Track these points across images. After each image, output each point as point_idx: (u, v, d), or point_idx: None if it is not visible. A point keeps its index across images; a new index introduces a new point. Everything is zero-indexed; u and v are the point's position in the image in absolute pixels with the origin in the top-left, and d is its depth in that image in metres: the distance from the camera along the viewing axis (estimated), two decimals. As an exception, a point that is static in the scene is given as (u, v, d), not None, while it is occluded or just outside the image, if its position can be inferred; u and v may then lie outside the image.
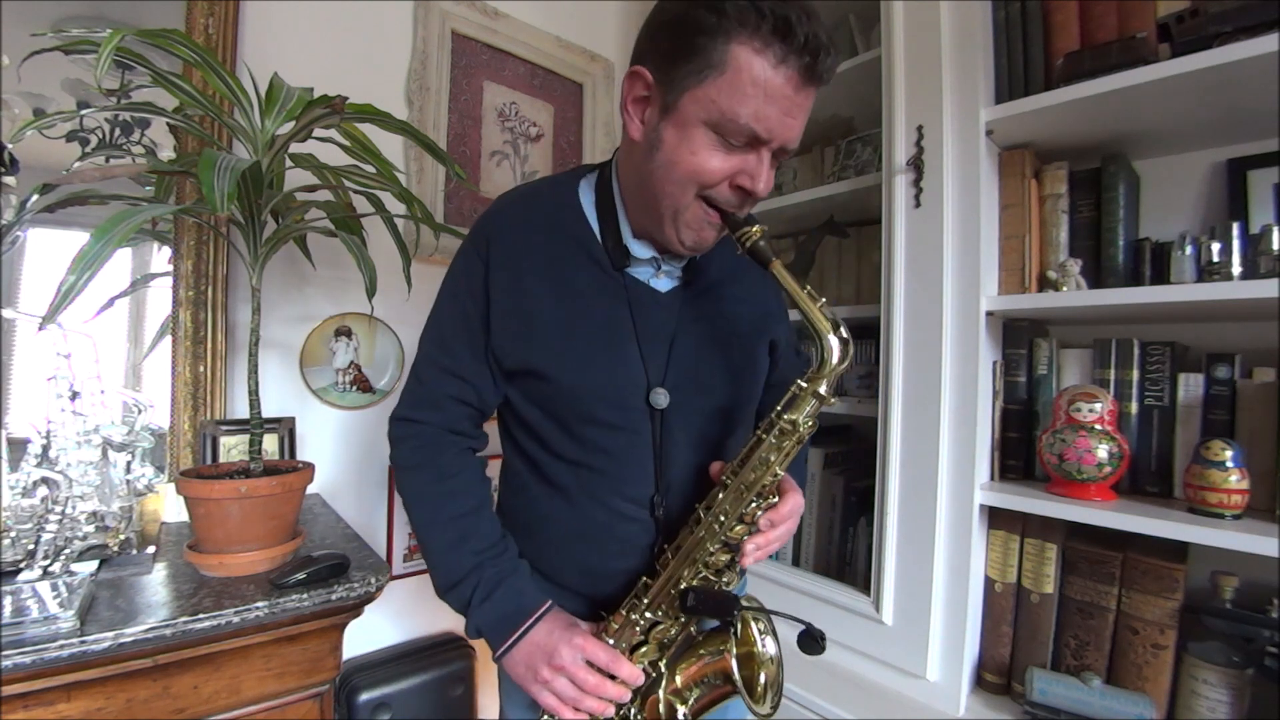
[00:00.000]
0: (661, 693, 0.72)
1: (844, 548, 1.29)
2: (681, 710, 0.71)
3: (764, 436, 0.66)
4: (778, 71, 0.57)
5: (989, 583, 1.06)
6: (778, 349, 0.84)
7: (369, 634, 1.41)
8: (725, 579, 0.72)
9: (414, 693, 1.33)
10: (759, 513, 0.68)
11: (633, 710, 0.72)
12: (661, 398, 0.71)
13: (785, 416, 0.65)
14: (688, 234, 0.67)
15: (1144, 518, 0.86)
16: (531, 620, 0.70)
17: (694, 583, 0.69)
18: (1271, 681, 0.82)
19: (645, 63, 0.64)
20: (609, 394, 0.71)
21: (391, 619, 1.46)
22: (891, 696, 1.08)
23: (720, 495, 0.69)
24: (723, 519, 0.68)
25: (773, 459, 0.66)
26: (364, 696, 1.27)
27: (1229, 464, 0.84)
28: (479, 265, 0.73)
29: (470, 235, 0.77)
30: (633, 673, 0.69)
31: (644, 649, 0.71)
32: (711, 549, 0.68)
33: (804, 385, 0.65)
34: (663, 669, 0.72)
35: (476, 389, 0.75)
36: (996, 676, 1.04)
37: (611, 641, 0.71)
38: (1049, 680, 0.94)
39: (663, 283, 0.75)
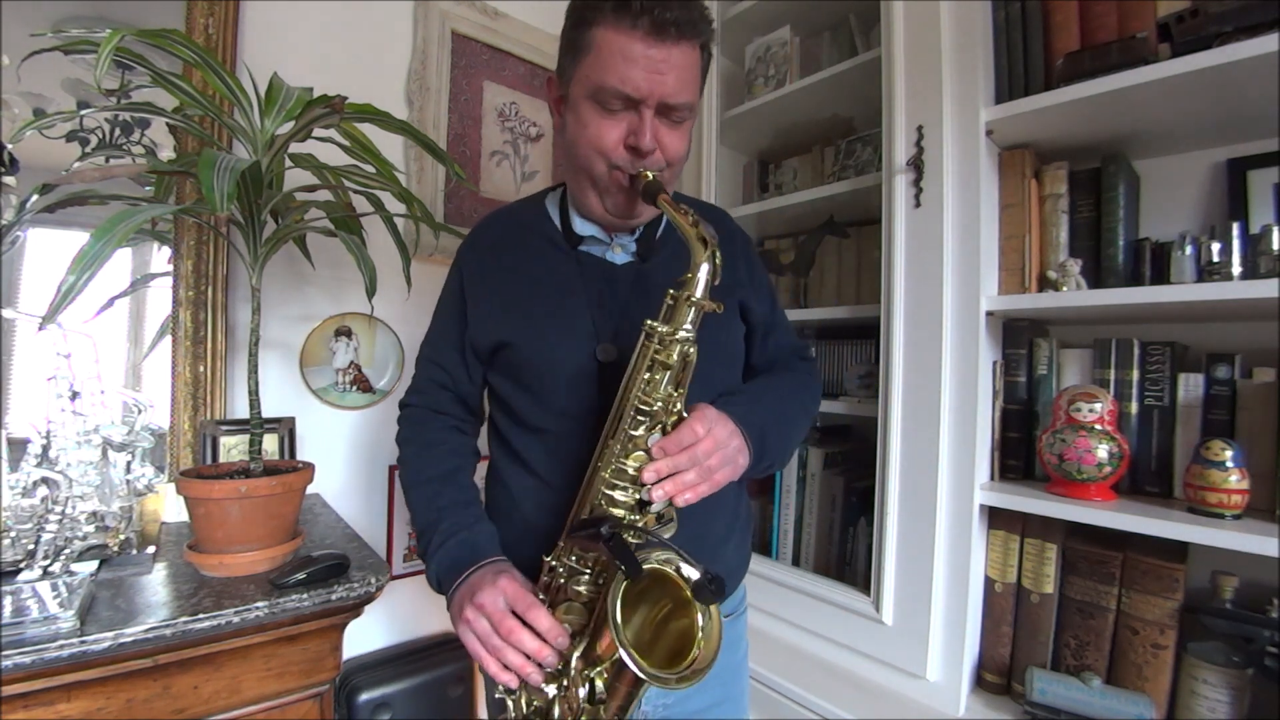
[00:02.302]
0: (573, 658, 0.63)
1: (844, 548, 1.29)
2: (597, 684, 0.63)
3: (643, 352, 0.65)
4: (630, 36, 0.66)
5: (989, 583, 1.06)
6: (751, 312, 0.85)
7: (369, 634, 1.41)
8: (661, 526, 0.66)
9: (414, 693, 1.33)
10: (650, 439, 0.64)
11: (564, 682, 0.65)
12: (611, 352, 0.75)
13: (661, 328, 0.64)
14: (608, 200, 0.75)
15: (1144, 518, 0.86)
16: (476, 566, 0.71)
17: (607, 525, 0.62)
18: (1271, 681, 0.82)
19: (557, 68, 0.76)
20: (560, 352, 0.76)
21: (391, 619, 1.46)
22: (891, 696, 1.08)
23: (612, 422, 0.66)
24: (617, 448, 0.64)
25: (660, 378, 0.64)
26: (364, 696, 1.27)
27: (1229, 464, 0.84)
28: (458, 270, 0.86)
29: (457, 250, 0.89)
30: (552, 627, 0.64)
31: (566, 605, 0.65)
32: (610, 479, 0.65)
33: (675, 293, 0.65)
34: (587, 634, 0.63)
35: (451, 374, 0.86)
36: (996, 676, 1.04)
37: (543, 597, 0.68)
38: (1049, 680, 0.94)
39: (619, 256, 0.81)
